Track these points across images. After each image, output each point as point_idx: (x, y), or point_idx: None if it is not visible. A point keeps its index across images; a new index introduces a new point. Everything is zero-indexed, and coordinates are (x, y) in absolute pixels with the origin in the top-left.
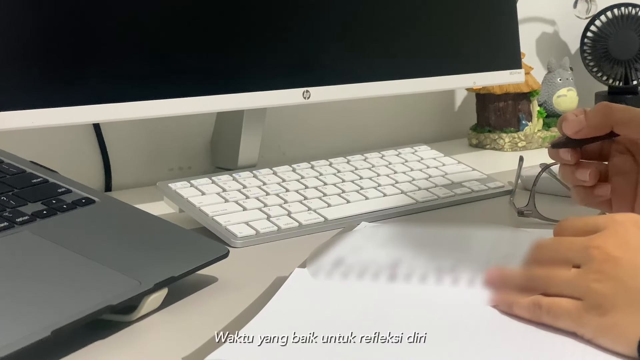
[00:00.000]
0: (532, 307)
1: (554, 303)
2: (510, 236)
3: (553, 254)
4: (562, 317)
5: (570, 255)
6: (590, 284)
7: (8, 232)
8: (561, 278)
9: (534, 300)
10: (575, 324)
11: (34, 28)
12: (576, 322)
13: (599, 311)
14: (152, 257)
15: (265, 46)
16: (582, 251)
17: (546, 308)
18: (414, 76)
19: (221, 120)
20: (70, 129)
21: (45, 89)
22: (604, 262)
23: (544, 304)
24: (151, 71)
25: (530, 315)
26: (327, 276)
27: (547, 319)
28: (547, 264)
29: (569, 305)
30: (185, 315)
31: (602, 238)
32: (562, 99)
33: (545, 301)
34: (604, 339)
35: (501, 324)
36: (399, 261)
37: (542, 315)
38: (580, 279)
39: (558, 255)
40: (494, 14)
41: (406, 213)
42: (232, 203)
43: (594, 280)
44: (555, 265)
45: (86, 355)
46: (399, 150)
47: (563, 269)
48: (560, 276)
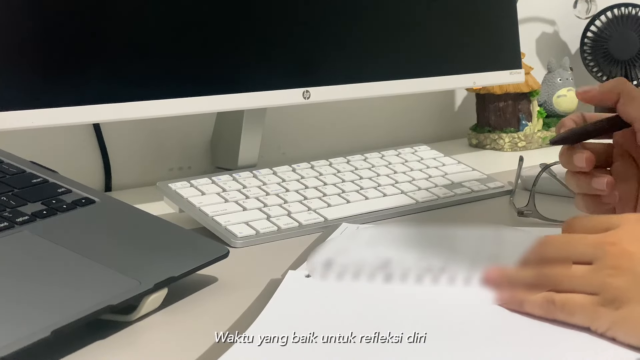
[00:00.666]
0: (546, 304)
1: (569, 299)
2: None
3: (564, 251)
4: (577, 312)
5: (583, 252)
6: (606, 279)
7: (8, 232)
8: (574, 274)
9: (547, 297)
10: (590, 318)
11: (34, 28)
12: (591, 316)
13: (615, 305)
14: (152, 257)
15: (266, 46)
16: (597, 247)
17: (560, 304)
18: (414, 76)
19: (221, 120)
20: (70, 129)
21: (45, 88)
22: (619, 257)
23: (557, 300)
24: (151, 71)
25: (544, 312)
26: (321, 277)
27: (561, 315)
28: (556, 261)
29: (584, 301)
30: (185, 315)
31: (616, 235)
32: (562, 99)
33: (559, 297)
34: (619, 332)
35: (501, 323)
36: (390, 260)
37: (557, 311)
38: (595, 274)
39: (569, 251)
40: (494, 14)
41: (406, 213)
42: (232, 203)
43: (609, 275)
44: (566, 262)
45: (86, 355)
46: (399, 150)
47: (575, 265)
48: (573, 272)
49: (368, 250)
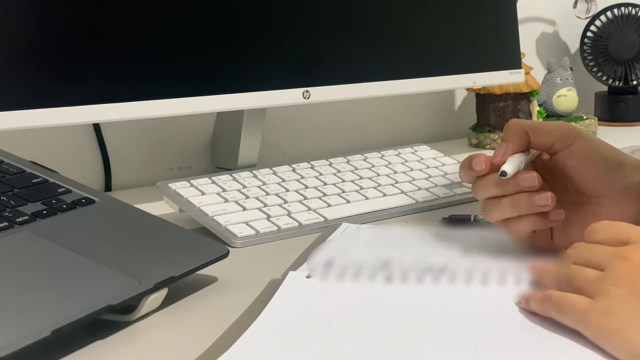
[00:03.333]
0: (543, 300)
1: (563, 297)
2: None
3: (584, 257)
4: (568, 311)
5: (598, 261)
6: (607, 286)
7: (8, 232)
8: (584, 276)
9: (546, 294)
10: (579, 320)
11: (35, 28)
12: (580, 318)
13: (607, 312)
14: (152, 257)
15: (266, 46)
16: (610, 259)
17: (555, 301)
18: (414, 76)
19: (221, 120)
20: (70, 129)
21: (45, 89)
22: (627, 270)
23: (554, 296)
24: (151, 71)
25: (541, 309)
26: (322, 278)
27: (553, 312)
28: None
29: (578, 301)
30: (185, 315)
31: (630, 250)
32: (562, 99)
33: (556, 294)
34: (605, 342)
35: (502, 323)
36: (390, 261)
37: (551, 308)
38: (599, 279)
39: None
40: (494, 14)
41: (406, 213)
42: (232, 203)
43: (612, 284)
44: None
45: (86, 355)
46: (399, 150)
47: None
48: (584, 274)
49: (368, 250)
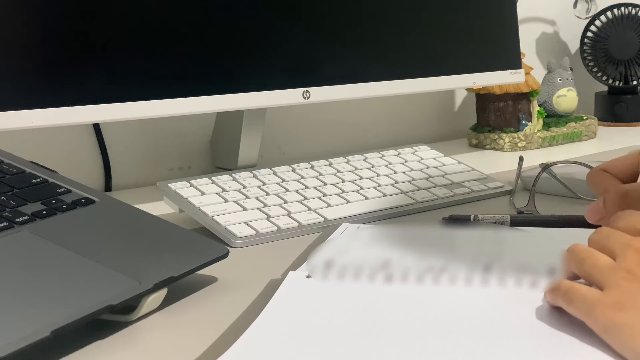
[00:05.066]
0: (553, 290)
1: (572, 287)
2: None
3: (602, 242)
4: (576, 302)
5: (613, 248)
6: (618, 279)
7: (8, 232)
8: (595, 263)
9: (557, 283)
10: (586, 312)
11: (34, 28)
12: (588, 310)
13: (616, 306)
14: (152, 257)
15: (265, 46)
16: (623, 248)
17: (564, 290)
18: (414, 76)
19: (221, 120)
20: (70, 129)
21: (45, 89)
22: (638, 264)
23: (563, 286)
24: (151, 71)
25: (551, 299)
26: (322, 278)
27: (561, 301)
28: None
29: (587, 292)
30: (185, 315)
31: None
32: (562, 99)
33: (565, 284)
34: (612, 337)
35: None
36: (390, 261)
37: (559, 297)
38: (610, 270)
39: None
40: (494, 14)
41: (406, 213)
42: (232, 203)
43: (622, 278)
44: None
45: (86, 355)
46: (399, 150)
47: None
48: (595, 261)
49: (368, 250)
